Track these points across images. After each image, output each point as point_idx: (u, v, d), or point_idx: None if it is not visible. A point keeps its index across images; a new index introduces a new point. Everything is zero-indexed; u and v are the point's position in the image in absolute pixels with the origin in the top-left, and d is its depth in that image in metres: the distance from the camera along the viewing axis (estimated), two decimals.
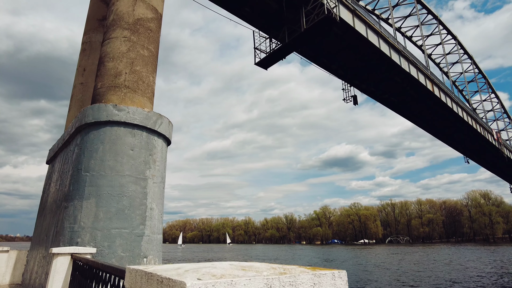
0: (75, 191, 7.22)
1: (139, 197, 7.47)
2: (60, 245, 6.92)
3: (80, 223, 6.85)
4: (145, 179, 7.72)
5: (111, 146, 7.48)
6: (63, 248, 5.70)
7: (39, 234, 9.82)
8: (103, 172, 7.25)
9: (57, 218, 7.90)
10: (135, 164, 7.62)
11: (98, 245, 6.70)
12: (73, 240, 6.77)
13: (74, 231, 6.83)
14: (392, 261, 38.93)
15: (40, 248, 8.90)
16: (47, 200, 10.01)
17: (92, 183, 7.16)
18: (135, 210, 7.32)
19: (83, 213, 6.93)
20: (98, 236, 6.77)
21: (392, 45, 24.80)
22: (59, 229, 7.28)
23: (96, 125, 7.68)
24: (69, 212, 7.10)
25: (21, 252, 10.90)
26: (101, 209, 6.97)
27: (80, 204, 7.03)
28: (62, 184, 8.35)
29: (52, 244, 7.60)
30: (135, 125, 7.85)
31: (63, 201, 7.66)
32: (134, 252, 7.04)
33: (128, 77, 8.49)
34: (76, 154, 7.72)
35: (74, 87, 12.28)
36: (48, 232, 8.48)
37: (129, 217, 7.17)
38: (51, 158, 11.04)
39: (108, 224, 6.91)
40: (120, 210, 7.11)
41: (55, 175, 9.82)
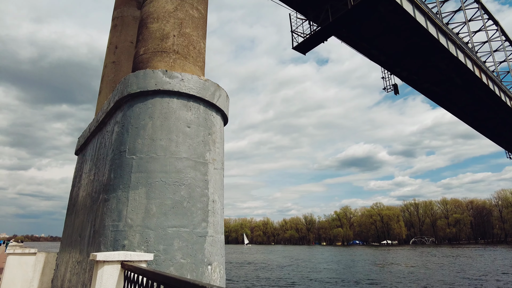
0: (118, 179, 5.60)
1: (200, 186, 5.79)
2: (101, 248, 5.30)
3: (127, 220, 5.21)
4: (205, 164, 6.03)
5: (163, 122, 5.83)
6: (111, 254, 4.04)
7: (70, 234, 8.31)
8: (154, 154, 5.60)
9: (93, 214, 6.31)
10: (193, 144, 5.94)
11: (151, 249, 5.04)
12: (118, 242, 5.14)
13: (119, 231, 5.20)
14: (452, 265, 36.17)
15: (73, 251, 7.35)
16: (78, 194, 8.50)
17: (141, 168, 5.52)
18: (196, 203, 5.64)
19: (130, 207, 5.29)
20: (151, 237, 5.11)
21: (439, 27, 22.53)
22: (98, 228, 5.68)
23: (142, 96, 6.05)
24: (111, 206, 5.48)
25: (49, 255, 9.43)
26: (154, 201, 5.31)
27: (125, 196, 5.39)
28: (98, 173, 6.76)
29: (89, 246, 6.01)
30: (190, 96, 6.17)
31: (101, 193, 6.06)
32: (197, 257, 5.35)
33: (177, 41, 6.84)
34: (117, 134, 6.10)
35: (105, 67, 10.79)
36: (83, 232, 6.92)
37: (189, 212, 5.49)
38: (80, 146, 9.54)
39: (164, 221, 5.24)
40: (178, 202, 5.44)
41: (87, 164, 8.29)
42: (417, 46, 23.56)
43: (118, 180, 5.59)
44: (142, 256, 4.19)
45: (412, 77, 26.98)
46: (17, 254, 9.19)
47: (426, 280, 24.26)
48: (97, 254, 3.92)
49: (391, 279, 25.57)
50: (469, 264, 36.61)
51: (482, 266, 33.56)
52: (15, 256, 9.15)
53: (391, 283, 23.56)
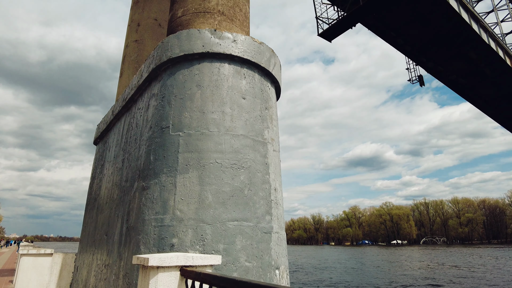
0: (161, 162, 4.46)
1: (260, 170, 4.64)
2: (140, 249, 4.17)
3: (175, 212, 4.07)
4: (265, 144, 4.88)
5: (214, 91, 4.68)
6: (167, 257, 2.88)
7: (91, 233, 7.20)
8: (206, 129, 4.46)
9: (125, 207, 5.19)
10: (250, 119, 4.79)
11: (208, 249, 3.90)
12: (164, 240, 4.00)
13: (165, 226, 4.06)
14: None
15: (98, 253, 6.24)
16: (100, 186, 7.39)
17: (190, 147, 4.38)
18: (258, 191, 4.48)
19: (179, 195, 4.15)
20: (208, 233, 3.96)
21: (471, 12, 21.17)
22: (135, 223, 4.55)
23: (186, 61, 4.91)
24: (152, 195, 4.34)
25: (67, 256, 8.35)
26: (209, 188, 4.16)
27: (171, 181, 4.25)
28: (129, 158, 5.65)
29: (122, 247, 4.88)
30: (244, 62, 5.03)
31: (136, 181, 4.94)
32: (264, 260, 4.19)
33: (221, 0, 5.70)
34: (155, 108, 4.97)
35: (126, 46, 9.70)
36: (110, 229, 5.80)
37: (251, 202, 4.33)
38: (101, 134, 8.44)
39: (222, 213, 4.09)
40: (237, 190, 4.29)
41: (110, 151, 7.18)
42: (446, 35, 22.21)
43: (161, 163, 4.45)
44: (207, 259, 3.04)
45: (438, 68, 25.61)
46: (32, 255, 8.13)
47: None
48: (149, 258, 2.78)
49: (450, 279, 24.18)
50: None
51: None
52: (30, 257, 8.08)
53: (457, 283, 22.12)
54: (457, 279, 24.27)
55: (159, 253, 3.43)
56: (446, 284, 22.24)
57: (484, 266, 34.20)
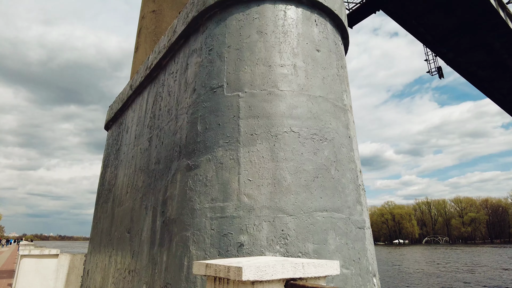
0: (213, 132, 3.28)
1: (345, 145, 3.46)
2: (189, 250, 2.99)
3: (241, 198, 2.89)
4: (345, 111, 3.71)
5: (282, 39, 3.50)
6: (267, 265, 1.68)
7: (106, 230, 6.02)
8: (275, 88, 3.27)
9: (158, 196, 4.01)
10: (328, 78, 3.61)
11: (293, 250, 2.72)
12: (227, 238, 2.83)
13: (227, 217, 2.88)
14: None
15: (116, 254, 5.05)
16: (116, 175, 6.21)
17: (255, 111, 3.19)
18: (345, 172, 3.30)
19: (245, 175, 2.96)
20: (290, 227, 2.78)
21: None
22: (177, 215, 3.37)
23: (240, 3, 3.72)
24: (203, 175, 3.17)
25: (75, 257, 7.15)
26: (285, 165, 2.98)
27: (232, 157, 3.07)
28: (160, 135, 4.46)
29: (157, 246, 3.69)
30: (314, 5, 3.84)
31: (175, 160, 3.76)
32: (362, 265, 3.01)
33: None
34: (200, 66, 3.79)
35: (142, 18, 8.51)
36: (135, 225, 4.61)
37: (340, 186, 3.15)
38: (115, 115, 7.24)
39: (307, 200, 2.91)
40: (323, 169, 3.10)
41: (130, 133, 5.99)
42: (469, 23, 21.06)
43: (214, 133, 3.27)
44: (322, 268, 1.86)
45: (458, 59, 24.45)
46: (34, 256, 6.93)
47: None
48: (242, 269, 1.57)
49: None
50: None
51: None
52: (32, 258, 6.89)
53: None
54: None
55: (237, 258, 2.26)
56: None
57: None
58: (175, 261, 3.15)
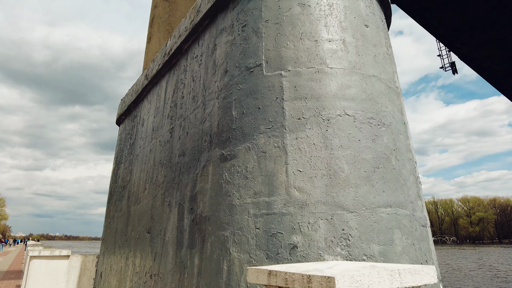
0: (252, 116, 2.85)
1: (402, 131, 3.02)
2: (229, 252, 2.57)
3: (291, 192, 2.46)
4: (398, 94, 3.27)
5: (327, 12, 3.06)
6: (362, 273, 1.23)
7: (121, 230, 5.62)
8: (324, 65, 2.84)
9: (184, 191, 3.59)
10: (379, 56, 3.17)
11: (356, 252, 2.28)
12: (277, 238, 2.41)
13: (275, 214, 2.45)
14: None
15: (135, 255, 4.65)
16: (131, 170, 5.81)
17: (301, 92, 2.76)
18: (405, 163, 2.86)
19: (293, 165, 2.53)
20: (352, 226, 2.34)
21: None
22: (211, 211, 2.95)
23: None
24: (242, 166, 2.75)
25: (86, 259, 6.76)
26: (341, 153, 2.54)
27: (277, 144, 2.64)
28: (184, 125, 4.04)
29: (185, 248, 3.27)
30: None
31: (205, 150, 3.34)
32: None
33: None
34: (231, 45, 3.37)
35: (154, 7, 8.11)
36: (156, 224, 4.20)
37: (401, 178, 2.71)
38: (128, 108, 6.85)
39: (368, 194, 2.47)
40: (383, 158, 2.66)
41: (145, 125, 5.59)
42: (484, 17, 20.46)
43: (253, 118, 2.84)
44: (420, 276, 1.42)
45: (472, 54, 23.83)
46: (44, 258, 6.56)
47: None
48: (335, 280, 1.12)
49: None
50: None
51: None
52: (42, 260, 6.51)
53: None
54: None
55: (307, 264, 1.84)
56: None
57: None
58: (211, 265, 2.73)
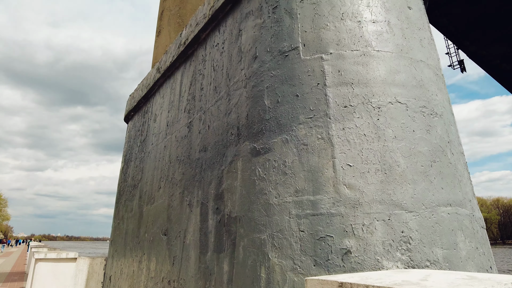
0: (289, 105, 2.56)
1: (452, 122, 2.75)
2: (267, 257, 2.28)
3: (339, 189, 2.16)
4: (443, 82, 2.96)
5: None
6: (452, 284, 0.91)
7: (132, 232, 5.33)
8: (369, 47, 2.54)
9: (207, 189, 3.30)
10: (424, 40, 2.89)
11: (418, 257, 1.98)
12: (325, 242, 2.12)
13: (322, 215, 2.15)
14: None
15: (149, 259, 4.35)
16: (142, 170, 5.52)
17: (346, 76, 2.47)
18: (459, 157, 2.56)
19: (341, 158, 2.24)
20: (412, 227, 2.05)
21: None
22: (243, 211, 2.66)
23: None
24: (279, 161, 2.46)
25: (94, 261, 6.47)
26: (396, 145, 2.24)
27: (321, 135, 2.35)
28: (204, 118, 3.75)
29: (211, 252, 2.98)
30: None
31: (231, 145, 3.05)
32: None
33: None
34: (260, 29, 3.08)
35: (164, 0, 7.83)
36: (174, 225, 3.91)
37: (458, 173, 2.41)
38: (137, 103, 6.57)
39: (427, 192, 2.17)
40: (438, 151, 2.37)
41: (157, 121, 5.30)
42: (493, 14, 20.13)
43: (291, 107, 2.55)
44: None
45: (481, 52, 23.49)
46: (50, 260, 6.27)
47: None
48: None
49: None
50: None
51: None
52: (48, 263, 6.22)
53: None
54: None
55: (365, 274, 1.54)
56: None
57: None
58: (245, 272, 2.44)
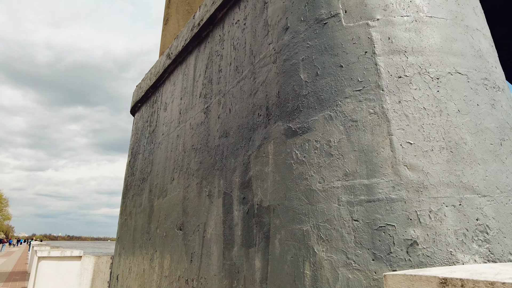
0: (331, 77, 2.26)
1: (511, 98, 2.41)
2: (312, 251, 1.98)
3: (399, 171, 1.86)
4: (496, 54, 2.65)
5: None
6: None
7: (142, 227, 5.02)
8: (420, 12, 2.22)
9: (230, 177, 2.99)
10: (477, 8, 2.59)
11: (497, 250, 1.67)
12: (384, 232, 1.81)
13: (379, 201, 1.87)
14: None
15: (162, 256, 4.04)
16: (152, 162, 5.21)
17: (398, 44, 2.16)
18: None
19: (400, 135, 1.93)
20: (488, 214, 1.75)
21: None
22: (277, 200, 2.35)
23: None
24: (321, 141, 2.15)
25: (100, 260, 6.16)
26: (460, 120, 1.93)
27: (374, 110, 2.06)
28: (224, 101, 3.44)
29: (238, 247, 2.67)
30: None
31: (258, 127, 2.75)
32: None
33: None
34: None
35: None
36: (191, 218, 3.59)
37: None
38: (145, 94, 6.25)
39: (499, 173, 1.88)
40: (506, 128, 2.10)
41: (168, 110, 4.99)
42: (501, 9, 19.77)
43: (333, 79, 2.24)
44: None
45: None
46: (54, 259, 5.96)
47: None
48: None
49: None
50: None
51: None
52: (51, 261, 5.92)
53: None
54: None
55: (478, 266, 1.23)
56: None
57: None
58: (283, 268, 2.13)
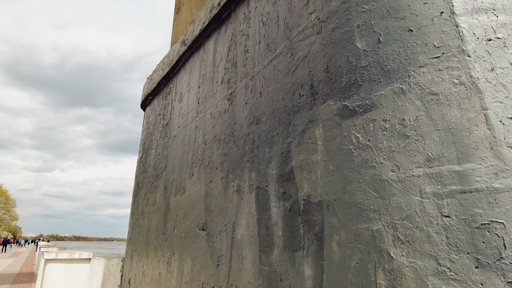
0: (393, 46, 1.85)
1: None
2: (386, 255, 1.55)
3: (500, 154, 1.43)
4: None
5: None
6: None
7: (157, 228, 4.63)
8: None
9: (263, 170, 2.59)
10: None
11: None
12: (490, 230, 1.35)
13: (477, 192, 1.43)
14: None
15: (181, 259, 3.65)
16: (166, 157, 4.83)
17: (481, 2, 1.72)
18: None
19: (496, 110, 1.51)
20: None
21: None
22: (327, 194, 1.93)
23: None
24: (388, 120, 1.73)
25: (110, 262, 5.79)
26: None
27: (461, 80, 1.63)
28: (251, 85, 3.03)
29: (277, 249, 2.26)
30: None
31: (301, 109, 2.34)
32: None
33: None
34: None
35: None
36: (214, 218, 3.20)
37: None
38: (157, 84, 5.88)
39: None
40: None
41: (184, 101, 4.61)
42: None
43: (401, 47, 1.82)
44: None
45: None
46: (62, 261, 5.61)
47: None
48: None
49: None
50: None
51: None
52: (59, 263, 5.56)
53: None
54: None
55: None
56: None
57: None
58: (346, 277, 1.72)
